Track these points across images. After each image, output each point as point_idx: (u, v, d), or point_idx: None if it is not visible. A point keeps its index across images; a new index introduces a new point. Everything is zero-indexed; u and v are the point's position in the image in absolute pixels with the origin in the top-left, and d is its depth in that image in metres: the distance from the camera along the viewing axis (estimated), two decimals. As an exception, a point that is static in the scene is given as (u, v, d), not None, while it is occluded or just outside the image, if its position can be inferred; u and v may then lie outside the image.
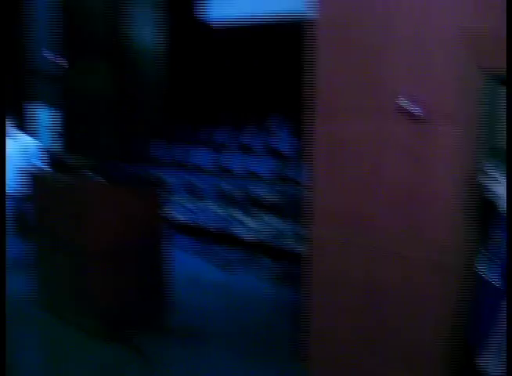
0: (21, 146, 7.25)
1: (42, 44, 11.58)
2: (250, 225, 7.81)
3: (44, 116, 11.75)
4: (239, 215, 8.22)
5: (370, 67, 3.82)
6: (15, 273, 7.29)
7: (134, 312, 5.77)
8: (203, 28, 12.48)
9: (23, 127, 7.61)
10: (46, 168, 6.49)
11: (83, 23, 12.14)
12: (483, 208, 3.41)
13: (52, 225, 6.03)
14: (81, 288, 5.65)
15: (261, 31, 12.19)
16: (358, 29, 3.84)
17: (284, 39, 11.74)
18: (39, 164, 7.22)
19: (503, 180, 3.17)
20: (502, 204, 3.16)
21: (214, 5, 12.14)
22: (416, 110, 3.59)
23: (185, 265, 7.53)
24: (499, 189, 3.22)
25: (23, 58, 10.25)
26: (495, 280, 3.23)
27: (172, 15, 12.33)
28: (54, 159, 7.06)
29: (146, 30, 12.32)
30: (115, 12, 12.07)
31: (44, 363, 5.42)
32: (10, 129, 7.21)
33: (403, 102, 3.62)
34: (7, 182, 7.24)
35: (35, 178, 6.42)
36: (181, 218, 8.48)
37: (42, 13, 11.64)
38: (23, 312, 6.32)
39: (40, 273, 6.43)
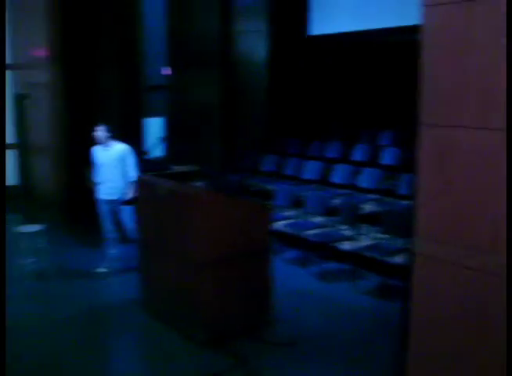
0: (120, 155, 7.46)
1: (153, 57, 12.00)
2: (353, 238, 7.75)
3: (153, 126, 12.17)
4: (342, 227, 8.18)
5: (478, 78, 3.71)
6: (121, 278, 7.60)
7: (238, 322, 5.85)
8: (313, 44, 12.57)
9: (127, 137, 7.81)
10: (151, 175, 6.64)
11: (192, 36, 12.50)
12: None
13: (159, 232, 6.21)
14: (187, 296, 5.79)
15: (368, 47, 12.13)
16: (465, 40, 3.75)
17: (392, 54, 11.64)
18: (137, 172, 7.43)
19: None
20: None
21: (323, 21, 12.21)
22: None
23: (288, 276, 7.57)
24: None
25: (134, 71, 10.67)
26: None
27: (283, 29, 12.45)
28: (162, 167, 7.25)
29: (254, 43, 12.51)
30: (224, 24, 12.34)
31: (146, 367, 5.59)
32: (109, 139, 7.47)
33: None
34: (106, 189, 7.55)
35: (142, 185, 6.62)
36: (284, 229, 8.55)
37: (153, 27, 12.08)
38: (128, 317, 6.55)
39: (146, 279, 6.65)
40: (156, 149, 9.67)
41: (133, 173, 7.41)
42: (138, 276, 6.78)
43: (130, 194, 7.38)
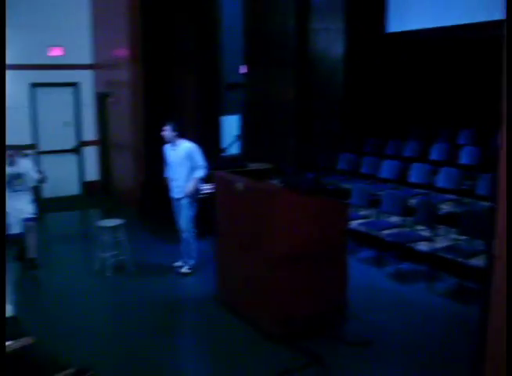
0: (186, 154, 7.46)
1: (232, 55, 12.11)
2: (430, 238, 7.61)
3: (231, 124, 12.27)
4: (419, 227, 8.05)
5: None
6: (198, 272, 7.72)
7: (312, 319, 5.84)
8: (391, 41, 12.40)
9: (205, 135, 7.84)
10: (227, 172, 6.69)
11: (269, 33, 12.54)
12: None
13: (235, 228, 6.27)
14: (262, 291, 5.83)
15: (447, 43, 11.87)
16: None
17: (471, 50, 11.35)
18: (205, 170, 7.46)
19: None
20: None
21: (401, 18, 12.03)
22: None
23: (363, 275, 7.50)
24: None
25: (212, 69, 10.79)
26: None
27: (360, 27, 12.33)
28: (238, 165, 7.29)
29: (330, 40, 12.44)
30: (300, 22, 12.32)
31: (219, 361, 5.65)
32: (176, 138, 7.50)
33: None
34: (176, 187, 7.63)
35: (219, 181, 6.68)
36: (360, 228, 8.49)
37: (232, 25, 12.18)
38: (203, 311, 6.66)
39: (222, 274, 6.73)
40: (233, 146, 9.77)
41: (200, 170, 7.46)
42: (214, 271, 6.88)
43: (190, 189, 7.46)
